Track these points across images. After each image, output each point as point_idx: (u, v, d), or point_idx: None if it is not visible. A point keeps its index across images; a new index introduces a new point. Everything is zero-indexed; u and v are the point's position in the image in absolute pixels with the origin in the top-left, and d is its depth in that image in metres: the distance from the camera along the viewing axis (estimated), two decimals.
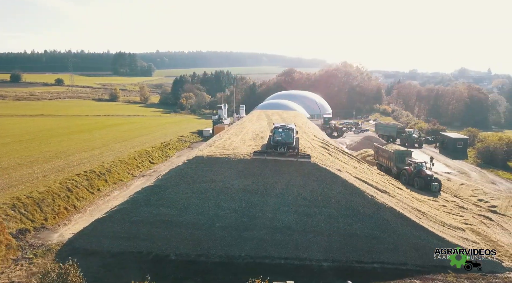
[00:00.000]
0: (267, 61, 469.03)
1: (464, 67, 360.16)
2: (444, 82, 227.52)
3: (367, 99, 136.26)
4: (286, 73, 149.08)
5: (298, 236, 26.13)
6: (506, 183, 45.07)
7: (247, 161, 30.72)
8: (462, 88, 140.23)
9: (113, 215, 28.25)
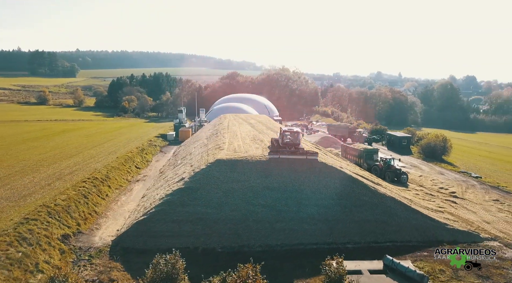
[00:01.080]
0: (197, 62, 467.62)
1: (380, 71, 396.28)
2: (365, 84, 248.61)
3: (306, 101, 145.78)
4: (230, 76, 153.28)
5: (322, 225, 30.99)
6: (451, 173, 54.50)
7: (264, 162, 34.92)
8: (386, 91, 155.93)
9: (152, 216, 30.66)
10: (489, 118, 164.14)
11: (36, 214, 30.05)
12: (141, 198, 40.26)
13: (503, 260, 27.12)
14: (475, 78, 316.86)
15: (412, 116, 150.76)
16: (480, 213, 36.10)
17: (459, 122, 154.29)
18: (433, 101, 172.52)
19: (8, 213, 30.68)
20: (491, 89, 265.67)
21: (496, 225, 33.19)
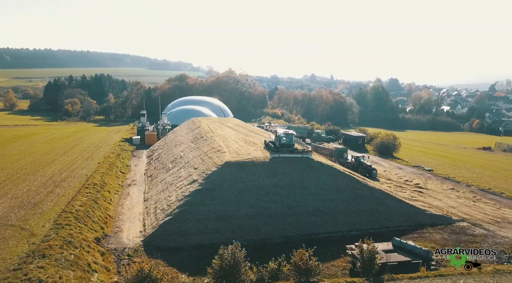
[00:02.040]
0: (131, 63, 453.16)
1: (314, 73, 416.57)
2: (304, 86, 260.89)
3: (255, 103, 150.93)
4: (179, 78, 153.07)
5: (327, 216, 35.57)
6: (407, 168, 62.45)
7: (269, 163, 38.77)
8: (327, 93, 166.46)
9: (177, 216, 33.08)
10: (414, 117, 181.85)
11: (66, 220, 31.05)
12: (144, 201, 41.93)
13: (475, 236, 33.68)
14: (397, 80, 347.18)
15: (351, 117, 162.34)
16: (444, 200, 43.18)
17: (390, 121, 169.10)
18: (367, 102, 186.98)
19: (34, 220, 31.26)
20: (412, 91, 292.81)
21: (460, 209, 40.22)
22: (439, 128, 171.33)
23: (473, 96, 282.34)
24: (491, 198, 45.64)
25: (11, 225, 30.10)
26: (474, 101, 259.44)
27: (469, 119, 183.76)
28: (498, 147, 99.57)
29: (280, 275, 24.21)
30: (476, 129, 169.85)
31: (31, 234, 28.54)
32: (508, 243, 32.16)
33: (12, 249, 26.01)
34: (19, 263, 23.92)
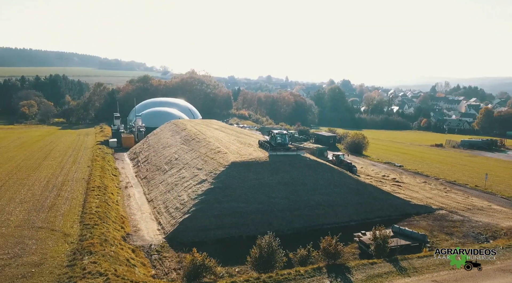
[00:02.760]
0: (79, 62, 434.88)
1: (270, 75, 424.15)
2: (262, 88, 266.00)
3: (219, 104, 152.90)
4: (142, 80, 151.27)
5: (328, 209, 39.33)
6: (380, 164, 68.13)
7: (270, 162, 41.94)
8: (288, 95, 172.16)
9: (195, 214, 35.34)
10: (369, 117, 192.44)
11: (92, 220, 32.35)
12: (149, 202, 43.53)
13: (454, 222, 38.90)
14: (349, 81, 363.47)
15: (311, 117, 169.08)
16: (421, 192, 48.59)
17: (347, 121, 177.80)
18: (324, 103, 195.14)
19: (59, 222, 32.32)
20: (363, 91, 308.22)
21: (436, 200, 45.65)
22: (391, 127, 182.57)
23: (417, 96, 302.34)
24: (458, 189, 51.86)
25: (40, 227, 30.93)
26: (419, 102, 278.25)
27: (417, 119, 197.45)
28: (448, 144, 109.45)
29: (308, 260, 27.40)
30: (424, 127, 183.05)
31: (64, 234, 29.66)
32: (482, 226, 37.62)
33: (54, 248, 27.19)
34: (69, 259, 25.34)
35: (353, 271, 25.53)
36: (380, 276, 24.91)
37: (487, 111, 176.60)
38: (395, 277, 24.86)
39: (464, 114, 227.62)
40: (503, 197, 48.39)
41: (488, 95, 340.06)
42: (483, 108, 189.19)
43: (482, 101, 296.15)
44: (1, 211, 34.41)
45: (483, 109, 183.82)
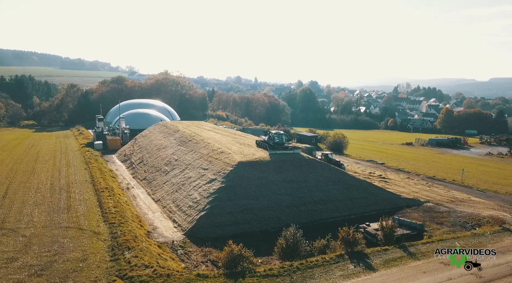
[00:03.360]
0: (39, 61, 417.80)
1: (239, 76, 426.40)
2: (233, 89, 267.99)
3: (195, 105, 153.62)
4: (116, 81, 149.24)
5: (329, 204, 42.44)
6: (363, 162, 72.36)
7: (273, 162, 44.60)
8: (262, 96, 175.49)
9: (211, 211, 37.37)
10: (339, 117, 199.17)
11: (115, 219, 33.81)
12: (156, 201, 44.98)
13: (441, 213, 43.02)
14: (317, 82, 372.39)
15: (284, 118, 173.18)
16: (407, 187, 52.84)
17: (318, 121, 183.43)
18: (296, 104, 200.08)
19: (83, 221, 33.52)
20: (331, 92, 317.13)
21: (422, 193, 49.94)
22: (360, 126, 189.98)
23: (381, 97, 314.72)
24: (438, 183, 56.63)
25: (67, 227, 32.03)
26: (383, 102, 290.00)
27: (383, 118, 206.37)
28: (418, 143, 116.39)
29: (327, 249, 30.25)
30: (391, 127, 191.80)
31: (94, 233, 30.97)
32: (467, 215, 41.93)
33: (90, 245, 28.56)
34: (110, 255, 26.91)
35: (370, 256, 28.61)
36: (394, 260, 28.13)
37: (448, 111, 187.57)
38: (408, 261, 28.16)
39: (425, 114, 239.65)
40: (479, 189, 53.51)
41: (445, 96, 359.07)
42: (444, 108, 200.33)
43: (440, 101, 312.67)
44: (20, 212, 35.02)
45: (444, 109, 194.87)
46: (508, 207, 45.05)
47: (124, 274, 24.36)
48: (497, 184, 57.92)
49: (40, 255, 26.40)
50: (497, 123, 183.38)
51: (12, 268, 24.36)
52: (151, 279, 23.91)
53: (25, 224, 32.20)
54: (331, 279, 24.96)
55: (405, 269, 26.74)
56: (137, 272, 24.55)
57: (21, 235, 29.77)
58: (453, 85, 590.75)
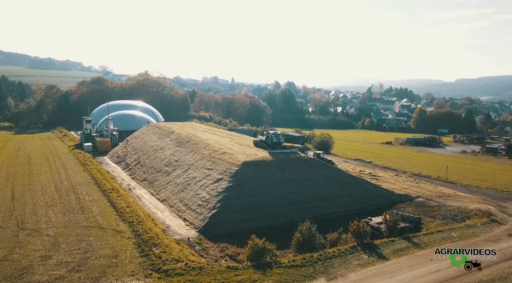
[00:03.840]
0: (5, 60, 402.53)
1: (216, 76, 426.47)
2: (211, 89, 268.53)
3: (177, 106, 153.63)
4: (96, 82, 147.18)
5: (330, 201, 44.81)
6: (351, 161, 75.36)
7: (275, 161, 46.62)
8: (243, 97, 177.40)
9: (221, 209, 38.99)
10: (318, 117, 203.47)
11: (133, 218, 35.05)
12: (162, 201, 46.13)
13: (432, 207, 46.15)
14: (294, 83, 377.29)
15: (265, 118, 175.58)
16: (397, 184, 55.99)
17: (298, 121, 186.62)
18: (276, 105, 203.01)
19: (101, 221, 34.51)
20: (307, 93, 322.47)
21: (411, 190, 53.14)
22: (338, 126, 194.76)
23: (356, 98, 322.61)
24: (425, 180, 60.17)
25: (88, 226, 32.97)
26: (358, 102, 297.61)
27: (360, 118, 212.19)
28: (396, 142, 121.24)
29: (338, 242, 32.50)
30: (367, 126, 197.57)
31: (116, 231, 32.08)
32: (456, 209, 45.18)
33: (116, 242, 29.76)
34: (139, 251, 28.20)
35: (380, 247, 31.05)
36: (402, 250, 30.68)
37: (421, 111, 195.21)
38: (414, 250, 30.77)
39: (398, 114, 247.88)
40: (462, 185, 57.32)
41: (416, 96, 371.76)
42: (417, 109, 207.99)
43: (412, 101, 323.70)
44: (36, 214, 35.56)
45: (417, 109, 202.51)
46: (491, 201, 48.76)
47: (159, 268, 25.75)
48: (476, 180, 62.02)
49: (71, 252, 27.35)
50: (467, 123, 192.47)
51: (49, 265, 25.29)
52: (185, 272, 25.42)
53: (45, 225, 32.85)
54: (350, 268, 27.18)
55: (413, 257, 29.30)
56: (170, 266, 25.97)
57: (45, 235, 30.50)
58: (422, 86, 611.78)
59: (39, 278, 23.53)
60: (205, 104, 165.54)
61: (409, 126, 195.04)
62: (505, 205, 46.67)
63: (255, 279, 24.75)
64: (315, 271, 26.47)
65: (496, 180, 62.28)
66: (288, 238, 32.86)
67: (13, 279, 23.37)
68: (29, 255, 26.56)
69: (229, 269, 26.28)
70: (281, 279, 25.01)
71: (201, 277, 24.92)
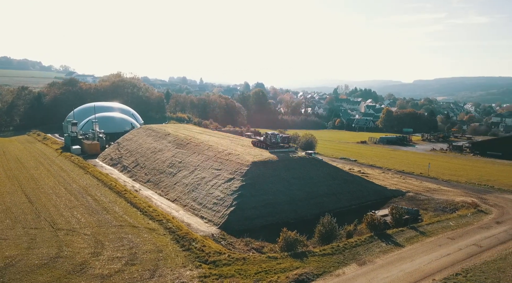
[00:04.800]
0: None
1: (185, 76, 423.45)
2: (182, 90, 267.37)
3: (152, 107, 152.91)
4: (69, 83, 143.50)
5: (333, 197, 48.24)
6: (337, 160, 79.37)
7: (280, 161, 49.54)
8: (219, 98, 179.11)
9: (238, 206, 41.36)
10: (290, 118, 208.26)
11: (160, 217, 36.79)
12: (173, 201, 47.73)
13: (422, 201, 50.54)
14: (263, 84, 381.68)
15: (240, 119, 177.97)
16: (386, 180, 60.36)
17: (271, 122, 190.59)
18: (250, 106, 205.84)
19: (132, 220, 35.97)
20: (277, 94, 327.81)
21: (400, 185, 57.57)
22: (310, 126, 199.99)
23: (323, 98, 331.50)
24: (410, 176, 65.06)
25: (120, 225, 34.44)
26: (326, 103, 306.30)
27: (330, 119, 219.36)
28: (370, 141, 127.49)
29: (354, 233, 35.80)
30: (338, 126, 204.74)
31: (149, 229, 33.86)
32: (444, 202, 49.76)
33: (154, 239, 31.72)
34: (180, 246, 30.28)
35: (393, 236, 34.63)
36: (412, 238, 34.44)
37: (388, 112, 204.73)
38: (423, 238, 34.59)
39: (364, 114, 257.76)
40: (443, 180, 62.62)
41: (379, 97, 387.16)
42: (384, 109, 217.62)
43: (376, 102, 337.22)
44: (62, 215, 36.55)
45: (384, 110, 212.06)
46: (472, 194, 53.98)
47: (205, 260, 27.90)
48: (453, 175, 67.68)
49: (118, 249, 28.90)
50: (429, 122, 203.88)
51: (103, 260, 26.82)
52: (231, 262, 27.75)
53: (77, 225, 33.94)
54: (374, 254, 30.49)
55: (424, 244, 33.07)
56: (215, 258, 28.22)
57: (83, 234, 31.73)
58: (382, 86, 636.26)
59: (100, 272, 25.07)
60: (181, 105, 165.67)
61: (377, 126, 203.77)
62: (485, 197, 52.00)
63: (297, 266, 27.46)
64: (345, 258, 29.55)
65: (469, 175, 68.24)
66: (302, 232, 35.62)
67: (77, 273, 24.81)
68: (79, 252, 27.88)
69: (270, 259, 28.84)
70: (319, 266, 27.87)
71: (247, 266, 27.33)
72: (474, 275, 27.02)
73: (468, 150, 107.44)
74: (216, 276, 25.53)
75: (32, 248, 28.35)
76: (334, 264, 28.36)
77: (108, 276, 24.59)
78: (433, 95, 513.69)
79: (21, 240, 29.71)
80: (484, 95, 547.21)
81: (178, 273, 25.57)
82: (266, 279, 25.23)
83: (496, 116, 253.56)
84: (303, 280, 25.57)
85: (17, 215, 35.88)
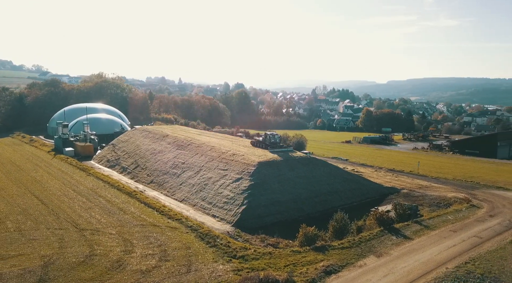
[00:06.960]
0: None
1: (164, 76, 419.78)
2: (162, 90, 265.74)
3: (136, 108, 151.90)
4: (51, 84, 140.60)
5: (335, 195, 50.45)
6: (329, 159, 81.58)
7: (283, 161, 51.42)
8: (203, 98, 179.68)
9: (249, 205, 42.95)
10: (273, 118, 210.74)
11: (178, 216, 37.93)
12: (181, 201, 48.75)
13: (417, 197, 53.35)
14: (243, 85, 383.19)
15: (224, 119, 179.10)
16: (380, 178, 63.14)
17: (255, 122, 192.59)
18: (233, 106, 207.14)
19: (151, 219, 37.03)
20: (257, 94, 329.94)
21: (394, 183, 60.40)
22: (292, 127, 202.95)
23: (303, 99, 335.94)
24: (401, 174, 68.13)
25: (141, 224, 35.49)
26: (306, 103, 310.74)
27: (311, 119, 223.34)
28: (355, 140, 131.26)
29: (363, 228, 37.98)
30: (319, 126, 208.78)
31: (171, 228, 34.99)
32: (437, 198, 52.69)
33: (178, 237, 33.07)
34: (205, 243, 31.59)
35: (401, 230, 37.01)
36: (419, 231, 36.91)
37: (368, 112, 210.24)
38: (428, 231, 37.11)
39: (343, 114, 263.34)
40: (433, 177, 65.99)
41: (356, 97, 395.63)
42: (364, 109, 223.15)
43: (353, 102, 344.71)
44: (80, 216, 37.22)
45: (364, 110, 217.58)
46: (462, 190, 57.32)
47: (234, 255, 29.38)
48: (440, 172, 71.26)
49: (147, 246, 29.97)
50: (406, 122, 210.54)
51: (137, 258, 27.87)
52: (258, 256, 29.35)
53: (99, 225, 34.67)
54: (388, 247, 32.72)
55: (431, 236, 35.57)
56: (242, 253, 29.76)
57: (108, 233, 32.53)
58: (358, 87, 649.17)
59: (138, 268, 26.15)
60: (165, 106, 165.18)
61: (357, 125, 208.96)
62: (474, 193, 55.38)
63: (321, 259, 29.31)
64: (363, 251, 31.62)
65: (454, 172, 72.00)
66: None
67: (117, 269, 25.81)
68: (111, 251, 28.79)
69: (294, 253, 30.59)
70: (341, 258, 29.83)
71: (275, 260, 28.99)
72: (481, 263, 29.57)
73: (447, 149, 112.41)
74: (249, 269, 27.04)
75: (64, 247, 29.05)
76: (354, 257, 30.36)
77: (147, 271, 25.70)
78: (407, 95, 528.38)
79: (50, 240, 30.31)
80: (455, 95, 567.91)
81: (213, 268, 26.94)
82: (297, 271, 26.92)
83: (468, 115, 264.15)
84: (331, 271, 27.42)
85: (36, 216, 36.24)
